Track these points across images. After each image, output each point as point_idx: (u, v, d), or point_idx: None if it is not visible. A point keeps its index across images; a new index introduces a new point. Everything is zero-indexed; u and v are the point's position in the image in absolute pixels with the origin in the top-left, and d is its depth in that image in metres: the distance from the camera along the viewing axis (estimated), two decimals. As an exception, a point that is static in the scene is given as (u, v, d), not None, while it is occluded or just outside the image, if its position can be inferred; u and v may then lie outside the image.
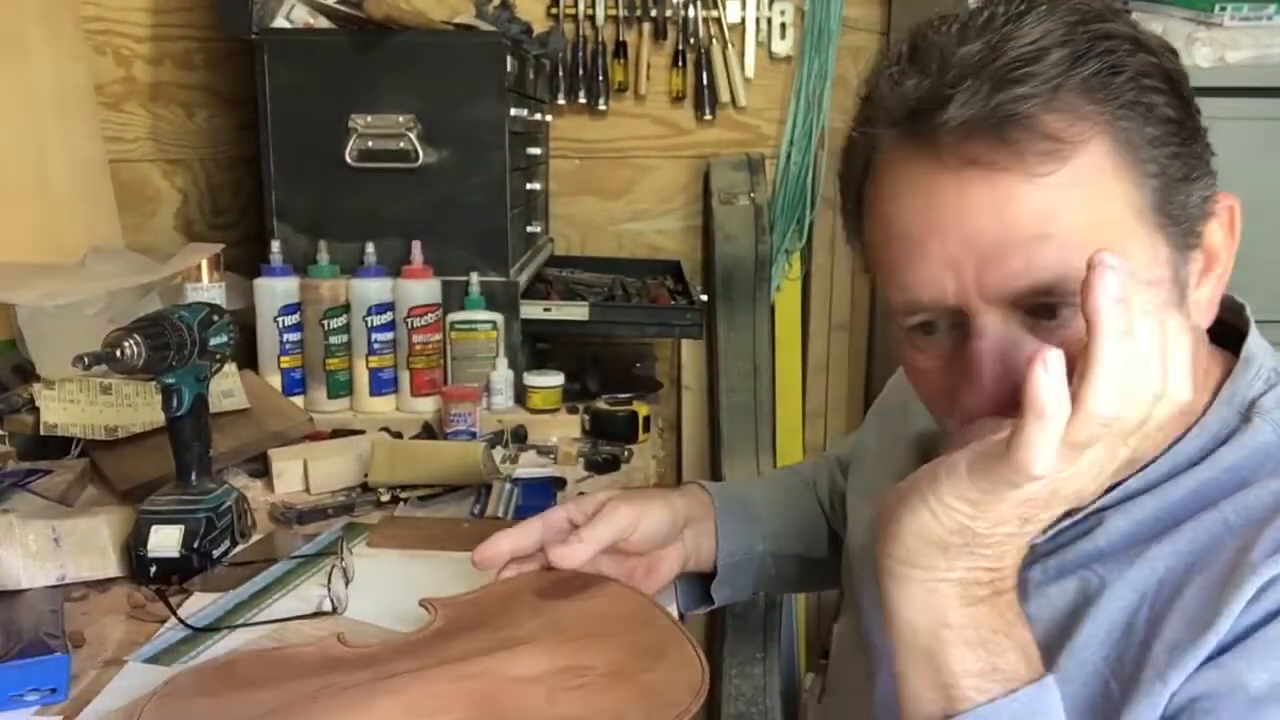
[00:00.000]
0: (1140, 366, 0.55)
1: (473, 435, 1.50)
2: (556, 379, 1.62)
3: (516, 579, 0.91)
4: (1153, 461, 0.70)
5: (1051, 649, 0.68)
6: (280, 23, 1.68)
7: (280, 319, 1.58)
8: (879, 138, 0.66)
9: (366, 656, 0.81)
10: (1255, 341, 0.72)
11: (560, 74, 2.20)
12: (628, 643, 0.84)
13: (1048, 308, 0.62)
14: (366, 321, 1.59)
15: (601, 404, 1.60)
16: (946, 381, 0.67)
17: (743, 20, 2.22)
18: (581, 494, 1.35)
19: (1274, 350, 0.73)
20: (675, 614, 0.99)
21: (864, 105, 0.69)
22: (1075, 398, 0.54)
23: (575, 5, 2.19)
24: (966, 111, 0.60)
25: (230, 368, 1.37)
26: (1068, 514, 0.71)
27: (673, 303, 1.84)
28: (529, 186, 1.89)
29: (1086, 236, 0.60)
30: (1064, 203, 0.60)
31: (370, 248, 1.61)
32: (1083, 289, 0.55)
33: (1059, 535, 0.71)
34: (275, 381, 1.58)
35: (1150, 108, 0.62)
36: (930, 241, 0.63)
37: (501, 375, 1.61)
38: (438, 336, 1.62)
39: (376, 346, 1.60)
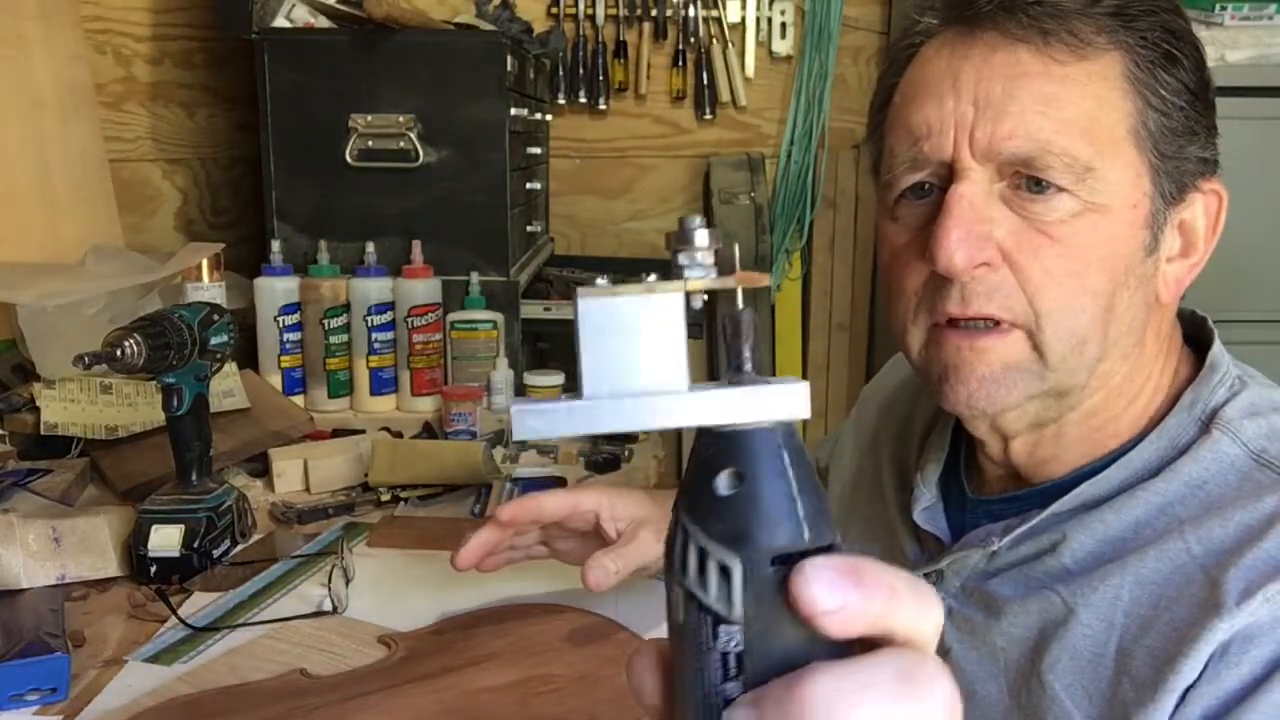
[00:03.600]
0: None
1: (473, 435, 1.50)
2: (556, 378, 1.62)
3: (475, 611, 0.94)
4: (1107, 464, 0.69)
5: (1022, 671, 0.68)
6: (280, 22, 1.68)
7: (280, 318, 1.58)
8: (925, 28, 0.70)
9: (332, 683, 0.82)
10: (1219, 350, 0.72)
11: (560, 74, 2.20)
12: (592, 654, 0.86)
13: (1033, 181, 0.65)
14: (367, 321, 1.59)
15: (602, 403, 1.60)
16: (914, 257, 0.69)
17: (743, 20, 2.22)
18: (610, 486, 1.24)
19: (1235, 360, 0.73)
20: None
21: (915, 16, 0.72)
22: None
23: (575, 5, 2.19)
24: None
25: (230, 367, 1.37)
26: (1020, 516, 0.71)
27: (673, 302, 1.84)
28: (529, 186, 1.89)
29: (1080, 130, 0.64)
30: (1069, 95, 0.64)
31: (370, 247, 1.61)
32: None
33: (1018, 543, 0.71)
34: (275, 381, 1.58)
35: (1172, 58, 0.66)
36: (947, 96, 0.66)
37: (501, 375, 1.61)
38: (438, 336, 1.62)
39: (377, 346, 1.60)
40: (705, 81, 2.23)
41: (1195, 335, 0.75)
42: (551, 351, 1.91)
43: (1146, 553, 0.65)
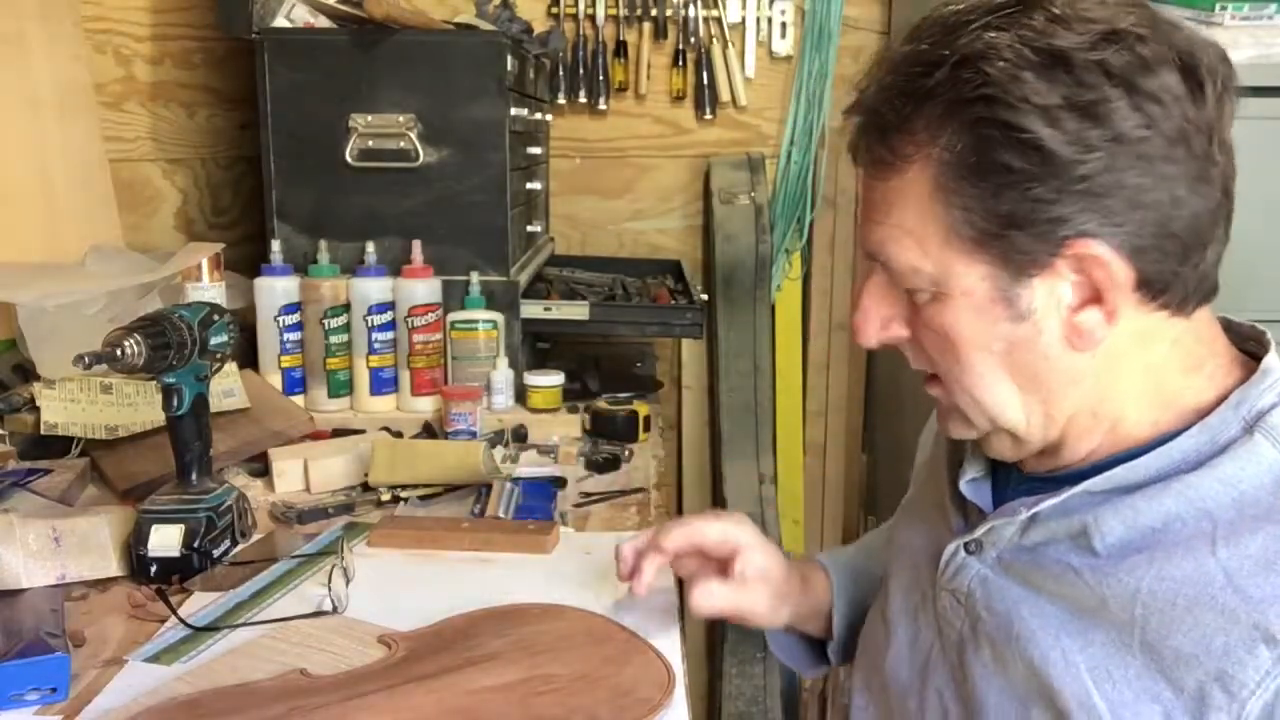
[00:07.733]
0: None
1: (473, 435, 1.50)
2: (557, 378, 1.62)
3: (475, 611, 0.95)
4: (1143, 450, 0.70)
5: (1066, 646, 0.70)
6: (280, 22, 1.68)
7: (281, 318, 1.58)
8: None
9: (332, 683, 0.82)
10: (1275, 356, 0.73)
11: (560, 73, 2.20)
12: (592, 654, 0.87)
13: None
14: (367, 321, 1.59)
15: (602, 403, 1.60)
16: None
17: (743, 20, 2.22)
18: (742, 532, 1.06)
19: None
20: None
21: None
22: None
23: (575, 4, 2.18)
24: (870, 103, 0.72)
25: (231, 367, 1.37)
26: (1045, 484, 0.75)
27: (673, 302, 1.84)
28: (529, 186, 1.89)
29: (906, 233, 0.72)
30: (891, 203, 0.72)
31: (370, 247, 1.61)
32: None
33: (1049, 519, 0.73)
34: (276, 381, 1.58)
35: (992, 149, 0.66)
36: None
37: (502, 375, 1.61)
38: (438, 336, 1.62)
39: (377, 346, 1.60)
40: (705, 81, 2.23)
41: (1254, 352, 0.76)
42: (551, 351, 1.91)
43: (1174, 553, 0.67)
